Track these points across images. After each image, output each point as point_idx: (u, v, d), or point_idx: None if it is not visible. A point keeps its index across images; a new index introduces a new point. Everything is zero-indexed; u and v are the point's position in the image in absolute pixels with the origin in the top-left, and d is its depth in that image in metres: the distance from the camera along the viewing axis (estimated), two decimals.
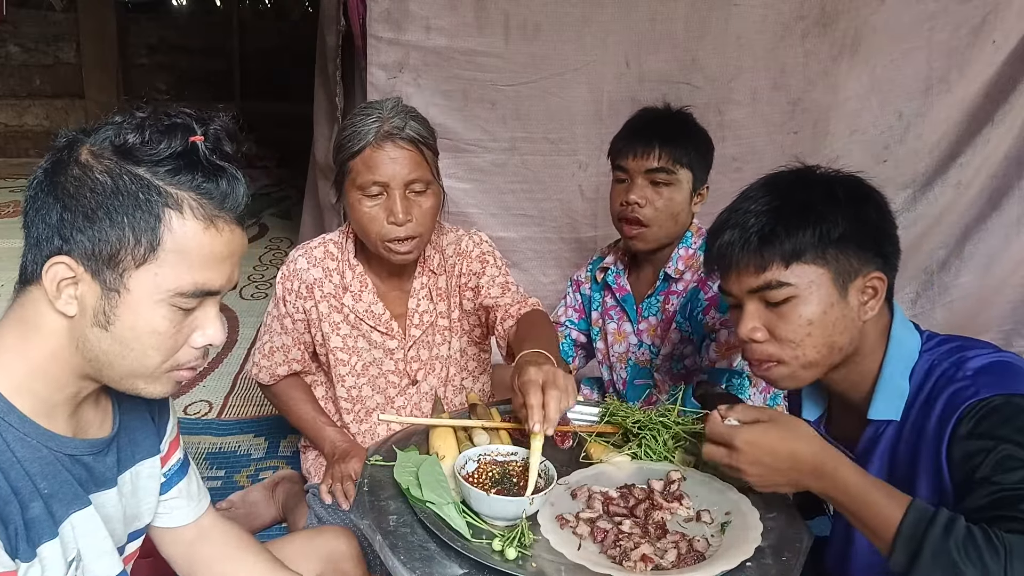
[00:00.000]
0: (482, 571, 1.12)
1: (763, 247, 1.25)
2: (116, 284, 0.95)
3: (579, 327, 2.24)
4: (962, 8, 2.82)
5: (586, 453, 1.44)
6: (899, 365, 1.28)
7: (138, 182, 0.94)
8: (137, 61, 7.34)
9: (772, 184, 1.32)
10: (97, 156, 0.95)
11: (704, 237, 1.34)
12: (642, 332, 2.07)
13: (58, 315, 0.96)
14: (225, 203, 0.97)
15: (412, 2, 2.65)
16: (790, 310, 1.25)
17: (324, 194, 3.35)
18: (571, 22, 2.73)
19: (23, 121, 7.26)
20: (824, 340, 1.25)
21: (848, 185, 1.29)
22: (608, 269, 2.13)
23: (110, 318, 0.96)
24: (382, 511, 1.24)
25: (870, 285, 1.26)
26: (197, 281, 0.97)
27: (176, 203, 0.94)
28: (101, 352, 0.97)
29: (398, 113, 1.70)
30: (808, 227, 1.23)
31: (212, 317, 1.02)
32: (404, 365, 1.91)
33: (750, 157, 2.94)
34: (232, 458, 2.63)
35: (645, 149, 1.90)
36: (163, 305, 0.96)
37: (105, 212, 0.93)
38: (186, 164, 0.95)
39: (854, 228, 1.24)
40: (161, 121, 0.96)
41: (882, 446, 1.30)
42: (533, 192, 2.95)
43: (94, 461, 1.06)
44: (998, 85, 2.91)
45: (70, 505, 1.01)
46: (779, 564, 1.14)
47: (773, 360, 1.28)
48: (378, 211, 1.69)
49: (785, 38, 2.80)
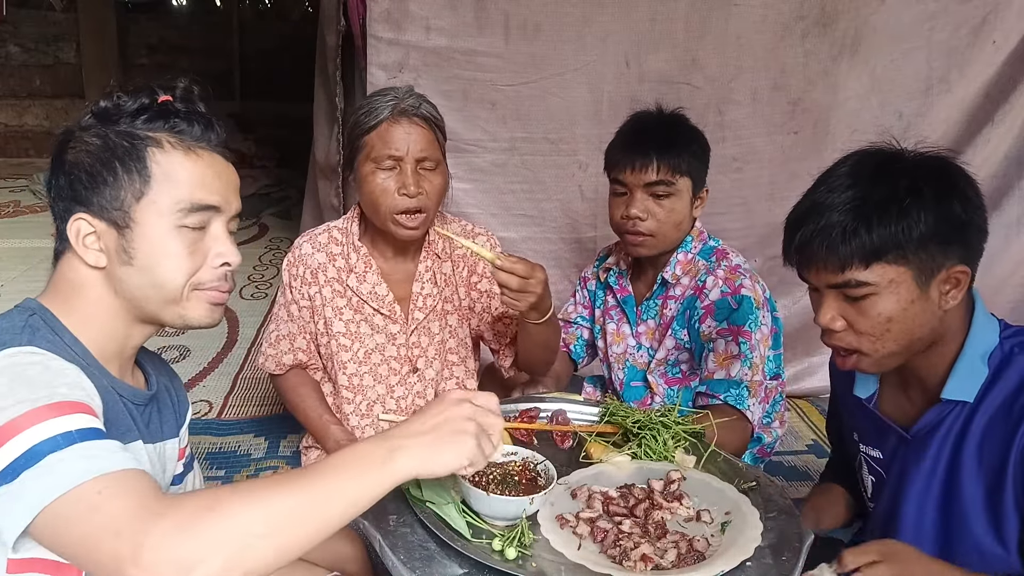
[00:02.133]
0: (482, 571, 1.12)
1: (843, 246, 1.20)
2: (126, 220, 1.06)
3: (589, 323, 2.24)
4: (962, 8, 2.82)
5: (586, 453, 1.44)
6: (979, 348, 1.26)
7: (121, 135, 1.07)
8: (137, 61, 7.35)
9: (855, 172, 1.25)
10: (85, 129, 1.09)
11: (784, 227, 1.30)
12: (640, 335, 2.06)
13: (91, 269, 1.08)
14: (201, 138, 1.10)
15: (412, 2, 2.66)
16: (869, 306, 1.22)
17: (324, 194, 3.36)
18: (571, 22, 2.73)
19: (23, 121, 7.27)
20: (904, 334, 1.23)
21: (935, 176, 1.22)
22: (610, 270, 2.12)
23: (130, 252, 1.06)
24: (382, 511, 1.24)
25: (953, 277, 1.22)
26: (193, 197, 1.07)
27: (156, 142, 1.07)
28: (135, 287, 1.08)
29: (412, 95, 1.79)
30: (889, 226, 1.18)
31: (222, 237, 1.12)
32: (406, 351, 1.93)
33: (750, 157, 2.94)
34: (232, 458, 2.63)
35: (643, 162, 1.86)
36: (171, 228, 1.07)
37: (101, 165, 1.06)
38: (159, 113, 1.09)
39: (938, 226, 1.19)
40: (128, 89, 1.11)
41: (946, 427, 1.29)
42: (533, 192, 2.95)
43: (137, 412, 1.13)
44: (998, 85, 2.91)
45: (125, 435, 1.08)
46: (779, 564, 1.14)
47: (852, 349, 1.27)
48: (390, 183, 1.76)
49: (785, 38, 2.80)
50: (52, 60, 7.17)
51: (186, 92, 1.14)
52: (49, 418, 0.87)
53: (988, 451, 1.24)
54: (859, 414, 1.47)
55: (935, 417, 1.30)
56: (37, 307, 1.07)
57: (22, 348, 0.97)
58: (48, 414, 0.88)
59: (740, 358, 1.82)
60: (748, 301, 1.85)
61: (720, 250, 1.98)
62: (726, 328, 1.86)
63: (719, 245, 2.00)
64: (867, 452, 1.46)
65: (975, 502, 1.27)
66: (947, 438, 1.29)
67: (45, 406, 0.88)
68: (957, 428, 1.28)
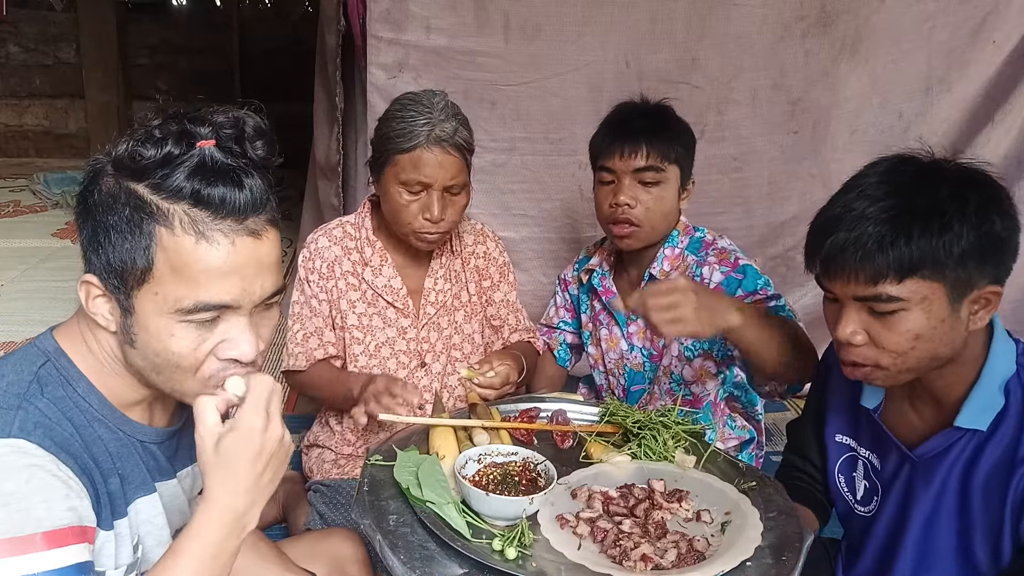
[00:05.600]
0: (482, 571, 1.12)
1: (880, 257, 1.14)
2: (127, 304, 0.94)
3: (572, 327, 2.22)
4: (962, 8, 2.82)
5: (586, 453, 1.44)
6: (997, 376, 1.22)
7: (132, 198, 0.91)
8: (137, 61, 7.33)
9: (892, 180, 1.18)
10: (105, 173, 0.94)
11: (810, 232, 1.25)
12: (632, 335, 2.03)
13: (104, 328, 0.98)
14: (223, 211, 0.91)
15: (412, 2, 2.65)
16: (897, 322, 1.17)
17: (324, 194, 3.35)
18: (571, 22, 2.73)
19: (23, 121, 7.26)
20: (928, 352, 1.19)
21: (978, 189, 1.15)
22: (593, 271, 2.08)
23: (132, 337, 0.95)
24: (382, 511, 1.24)
25: (984, 297, 1.17)
26: (199, 298, 0.92)
27: (166, 219, 0.90)
28: (139, 367, 0.98)
29: (448, 116, 1.76)
30: (931, 239, 1.12)
31: (239, 331, 0.96)
32: (416, 345, 1.95)
33: (750, 157, 2.94)
34: None
35: (632, 148, 1.83)
36: (172, 323, 0.93)
37: (105, 232, 0.92)
38: (179, 172, 0.90)
39: (979, 243, 1.13)
40: (167, 127, 0.92)
41: (955, 453, 1.25)
42: (533, 192, 2.95)
43: (160, 450, 1.09)
44: (998, 85, 2.91)
45: (138, 489, 1.04)
46: (779, 564, 1.14)
47: (870, 363, 1.22)
48: (416, 206, 1.77)
49: (785, 38, 2.80)
50: (52, 60, 7.15)
51: (235, 131, 0.94)
52: (10, 555, 0.83)
53: (994, 487, 1.21)
54: (861, 420, 1.43)
55: (944, 442, 1.26)
56: (53, 351, 0.99)
57: (10, 442, 0.88)
58: (9, 550, 0.83)
59: (776, 298, 1.79)
60: (751, 269, 1.83)
61: (707, 240, 1.95)
62: (742, 295, 1.80)
63: (704, 235, 1.96)
64: (867, 458, 1.43)
65: (980, 531, 1.25)
66: (956, 464, 1.25)
67: (8, 540, 0.83)
68: (967, 455, 1.24)
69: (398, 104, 1.80)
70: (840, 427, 1.47)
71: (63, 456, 0.91)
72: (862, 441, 1.43)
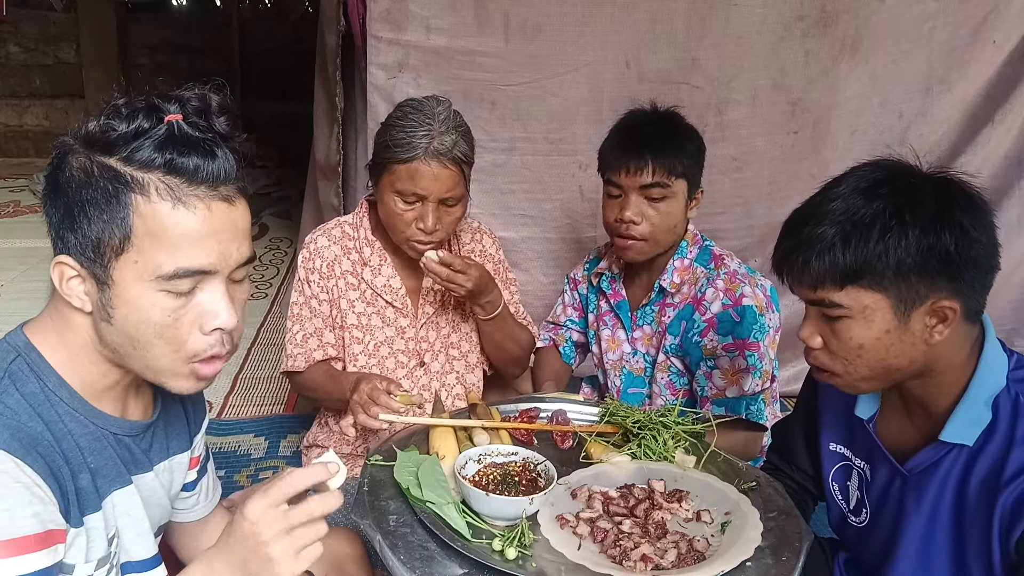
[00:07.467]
0: (482, 571, 1.12)
1: (816, 263, 1.15)
2: (104, 277, 0.94)
3: (579, 326, 2.22)
4: (962, 8, 2.82)
5: (586, 453, 1.44)
6: (984, 391, 1.19)
7: (105, 171, 0.92)
8: (137, 61, 7.35)
9: (856, 186, 1.16)
10: (74, 152, 0.95)
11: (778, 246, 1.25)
12: (636, 340, 2.03)
13: (78, 311, 0.98)
14: (197, 178, 0.93)
15: (412, 2, 2.65)
16: (842, 329, 1.18)
17: (324, 194, 3.35)
18: (571, 22, 2.73)
19: (23, 121, 7.27)
20: (877, 361, 1.18)
21: (931, 201, 1.12)
22: (603, 274, 2.09)
23: (109, 312, 0.95)
24: (382, 511, 1.24)
25: (938, 311, 1.14)
26: (178, 263, 0.93)
27: (141, 187, 0.92)
28: (116, 345, 0.98)
29: (448, 128, 1.73)
30: (865, 248, 1.12)
31: (217, 299, 0.97)
32: (414, 344, 1.95)
33: (750, 157, 2.94)
34: (232, 458, 2.63)
35: (638, 165, 1.81)
36: (152, 292, 0.94)
37: (80, 206, 0.93)
38: (159, 143, 0.92)
39: (922, 258, 1.11)
40: (134, 103, 0.94)
41: (945, 468, 1.22)
42: (533, 192, 2.95)
43: (134, 443, 1.09)
44: (998, 85, 2.91)
45: (113, 482, 1.04)
46: (779, 564, 1.14)
47: (827, 368, 1.23)
48: (410, 216, 1.77)
49: (785, 38, 2.80)
50: (52, 60, 7.16)
51: (201, 105, 0.97)
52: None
53: (983, 505, 1.18)
54: (855, 430, 1.41)
55: (932, 456, 1.24)
56: (23, 346, 0.99)
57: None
58: None
59: (750, 371, 1.80)
60: (750, 311, 1.81)
61: (717, 254, 1.94)
62: (731, 343, 1.82)
63: (713, 246, 1.96)
64: (860, 468, 1.40)
65: (974, 550, 1.21)
66: (948, 481, 1.23)
67: None
68: (958, 471, 1.22)
69: (400, 111, 1.78)
70: (834, 436, 1.45)
71: (30, 458, 0.90)
72: (856, 451, 1.41)
